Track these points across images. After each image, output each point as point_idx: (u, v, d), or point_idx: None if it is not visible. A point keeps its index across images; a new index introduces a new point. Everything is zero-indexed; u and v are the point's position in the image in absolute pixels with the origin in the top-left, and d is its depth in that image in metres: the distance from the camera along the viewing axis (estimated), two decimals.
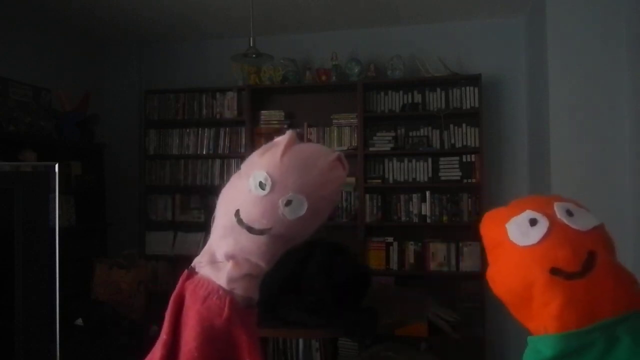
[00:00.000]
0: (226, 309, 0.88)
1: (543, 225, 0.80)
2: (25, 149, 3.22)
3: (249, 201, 0.88)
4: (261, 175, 0.87)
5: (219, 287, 0.89)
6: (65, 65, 4.02)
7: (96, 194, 3.91)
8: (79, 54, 4.20)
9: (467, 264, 3.63)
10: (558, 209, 0.82)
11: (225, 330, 0.88)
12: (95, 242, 3.94)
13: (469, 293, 3.60)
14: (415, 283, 3.74)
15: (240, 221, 0.88)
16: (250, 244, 0.88)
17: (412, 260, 3.74)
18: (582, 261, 0.77)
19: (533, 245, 0.79)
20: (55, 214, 1.73)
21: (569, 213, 0.82)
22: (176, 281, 0.96)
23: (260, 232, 0.88)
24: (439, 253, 3.70)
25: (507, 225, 0.84)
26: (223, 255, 0.91)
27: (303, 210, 0.86)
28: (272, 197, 0.86)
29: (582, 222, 0.81)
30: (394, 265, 3.74)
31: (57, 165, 1.69)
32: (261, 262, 0.90)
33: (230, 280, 0.89)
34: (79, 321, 2.96)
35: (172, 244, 4.12)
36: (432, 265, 3.70)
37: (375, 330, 1.87)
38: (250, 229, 0.88)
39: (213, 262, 0.91)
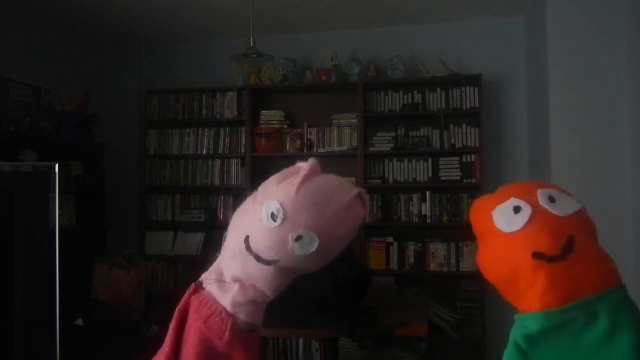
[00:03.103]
0: (227, 332, 0.87)
1: (526, 212, 0.86)
2: (25, 149, 3.22)
3: (259, 230, 0.86)
4: (274, 206, 0.85)
5: (223, 308, 0.88)
6: (65, 65, 4.02)
7: (96, 194, 3.91)
8: (79, 54, 4.20)
9: (467, 264, 3.63)
10: (540, 196, 0.88)
11: (225, 352, 0.88)
12: (95, 242, 3.94)
13: (469, 293, 3.60)
14: (415, 283, 3.75)
15: (248, 248, 0.87)
16: (257, 271, 0.87)
17: (412, 260, 3.74)
18: (562, 245, 0.83)
19: (516, 231, 0.86)
20: (55, 214, 1.72)
21: (551, 199, 0.88)
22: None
23: (267, 263, 0.86)
24: (439, 253, 3.70)
25: (492, 213, 0.90)
26: (230, 277, 0.90)
27: (313, 247, 0.84)
28: (283, 230, 0.84)
29: (563, 208, 0.87)
30: (394, 265, 3.74)
31: (57, 165, 1.69)
32: (267, 290, 0.90)
33: (235, 304, 0.88)
34: (79, 321, 2.96)
35: (172, 244, 4.11)
36: (432, 265, 3.70)
37: (375, 330, 1.87)
38: (258, 258, 0.86)
39: (220, 281, 0.91)
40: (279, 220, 0.84)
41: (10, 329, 1.54)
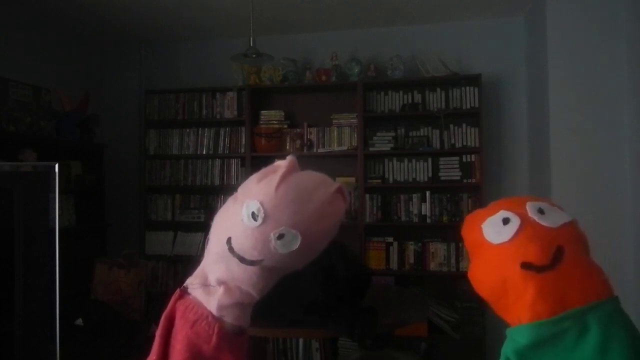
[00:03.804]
0: (214, 337, 0.86)
1: (514, 223, 0.85)
2: (25, 149, 3.22)
3: (241, 231, 0.85)
4: (254, 205, 0.84)
5: (209, 313, 0.87)
6: (65, 65, 4.02)
7: (96, 194, 3.91)
8: (79, 54, 4.20)
9: (467, 264, 3.61)
10: (530, 208, 0.88)
11: (213, 358, 0.87)
12: (95, 242, 3.94)
13: (469, 293, 3.59)
14: (415, 283, 3.75)
15: (231, 249, 0.86)
16: (241, 273, 0.86)
17: (412, 260, 3.74)
18: (551, 255, 0.81)
19: (505, 242, 0.85)
20: (55, 214, 1.72)
21: (540, 211, 0.87)
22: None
23: (251, 263, 0.85)
24: (439, 253, 3.70)
25: (482, 226, 0.90)
26: (215, 280, 0.89)
27: (296, 245, 0.84)
28: (264, 230, 0.83)
29: (552, 220, 0.86)
30: (394, 265, 3.74)
31: (57, 165, 1.69)
32: (252, 291, 0.88)
33: (220, 307, 0.87)
34: (79, 321, 2.96)
35: (172, 244, 4.12)
36: (432, 265, 3.70)
37: (375, 330, 1.87)
38: (241, 259, 0.85)
39: (205, 285, 0.90)
40: (259, 220, 0.83)
41: (10, 329, 1.54)
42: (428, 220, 3.71)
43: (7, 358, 1.56)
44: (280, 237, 0.83)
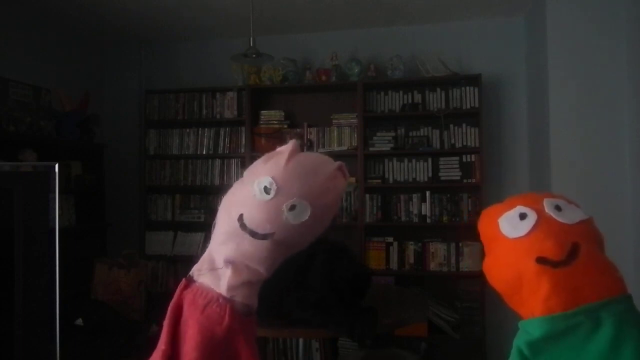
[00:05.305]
0: (226, 317, 0.88)
1: (531, 218, 0.87)
2: (25, 149, 3.22)
3: (253, 206, 0.89)
4: (266, 180, 0.89)
5: (219, 295, 0.90)
6: (65, 65, 4.02)
7: (96, 194, 3.91)
8: (79, 54, 4.20)
9: (467, 264, 3.63)
10: (547, 204, 0.89)
11: (226, 338, 0.89)
12: (95, 242, 3.94)
13: (469, 293, 3.60)
14: (415, 283, 3.75)
15: (243, 226, 0.89)
16: (251, 248, 0.89)
17: (412, 260, 3.74)
18: (567, 251, 0.82)
19: (521, 237, 0.86)
20: (55, 214, 1.72)
21: (558, 208, 0.89)
22: (176, 282, 0.96)
23: (263, 237, 0.88)
24: (439, 253, 3.70)
25: (499, 220, 0.91)
26: (223, 260, 0.91)
27: (306, 216, 0.88)
28: (277, 202, 0.88)
29: (569, 216, 0.88)
30: (394, 265, 3.74)
31: (57, 165, 1.69)
32: (261, 268, 0.91)
33: (230, 287, 0.89)
34: (79, 321, 2.96)
35: (172, 244, 4.12)
36: (432, 265, 3.70)
37: (375, 330, 1.87)
38: (253, 234, 0.88)
39: (213, 269, 0.92)
40: (272, 193, 0.88)
41: (10, 329, 1.54)
42: (428, 220, 3.71)
43: (7, 358, 1.56)
44: (292, 208, 0.88)
